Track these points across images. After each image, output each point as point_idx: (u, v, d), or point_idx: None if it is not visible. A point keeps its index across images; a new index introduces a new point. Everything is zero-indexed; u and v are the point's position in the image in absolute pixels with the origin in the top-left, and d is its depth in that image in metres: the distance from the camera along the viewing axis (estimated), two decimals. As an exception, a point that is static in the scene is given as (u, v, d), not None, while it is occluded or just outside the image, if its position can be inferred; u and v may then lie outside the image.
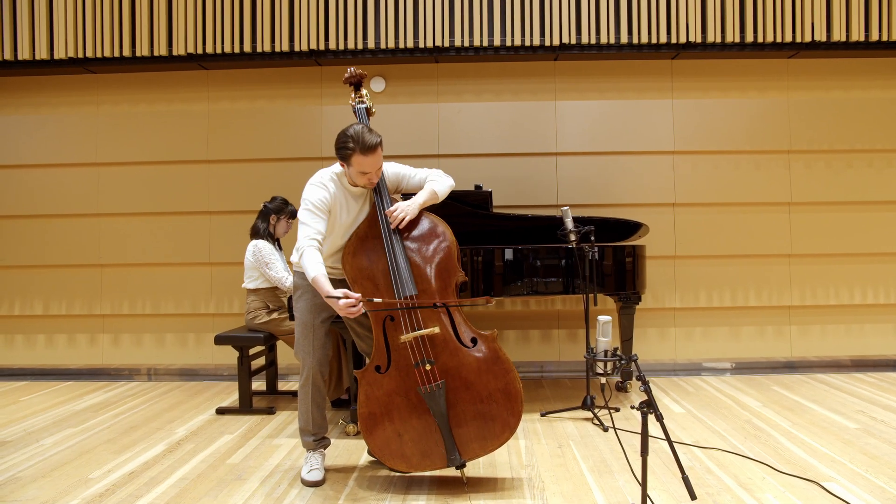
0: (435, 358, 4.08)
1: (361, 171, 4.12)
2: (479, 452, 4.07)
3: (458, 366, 4.08)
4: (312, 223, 4.10)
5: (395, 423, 4.07)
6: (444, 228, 4.32)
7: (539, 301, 7.47)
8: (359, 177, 4.17)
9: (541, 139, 7.48)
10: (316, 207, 4.13)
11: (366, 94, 4.74)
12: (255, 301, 6.19)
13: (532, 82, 7.51)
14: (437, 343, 4.11)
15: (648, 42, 7.13)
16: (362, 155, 4.07)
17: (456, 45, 7.18)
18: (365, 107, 4.69)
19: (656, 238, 7.36)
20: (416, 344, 4.10)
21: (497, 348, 4.12)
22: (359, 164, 4.10)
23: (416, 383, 4.07)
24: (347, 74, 4.75)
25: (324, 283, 3.90)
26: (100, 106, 7.75)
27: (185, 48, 7.27)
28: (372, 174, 4.17)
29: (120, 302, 7.72)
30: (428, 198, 4.39)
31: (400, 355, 4.11)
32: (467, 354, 4.11)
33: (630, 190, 7.43)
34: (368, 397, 4.11)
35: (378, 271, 4.20)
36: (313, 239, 4.06)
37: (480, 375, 4.08)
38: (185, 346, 7.72)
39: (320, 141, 7.55)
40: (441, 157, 7.48)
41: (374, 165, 4.13)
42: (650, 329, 7.49)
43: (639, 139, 7.45)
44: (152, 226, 7.69)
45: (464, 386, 4.06)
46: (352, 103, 4.73)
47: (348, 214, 4.33)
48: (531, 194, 7.42)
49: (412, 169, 4.56)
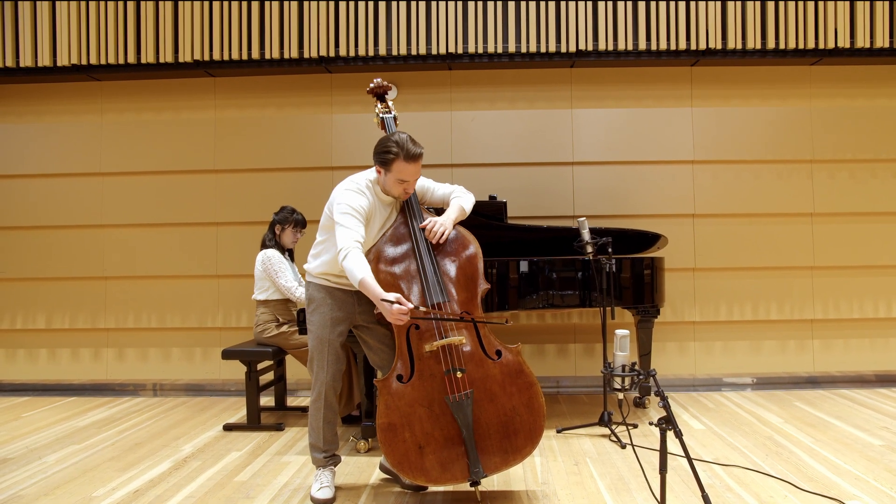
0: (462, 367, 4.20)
1: (401, 178, 4.26)
2: (501, 467, 4.17)
3: (484, 377, 4.20)
4: (355, 227, 4.18)
5: (416, 434, 4.13)
6: (471, 239, 4.50)
7: (555, 314, 7.58)
8: (395, 185, 4.31)
9: (557, 148, 7.62)
10: (357, 213, 4.23)
11: (392, 104, 4.91)
12: (264, 313, 6.30)
13: (548, 90, 7.66)
14: (463, 353, 4.23)
15: (667, 49, 7.26)
16: (405, 162, 4.22)
17: (469, 51, 7.33)
18: (392, 116, 4.86)
19: (675, 250, 7.48)
20: (444, 352, 4.19)
21: (521, 361, 4.26)
22: (399, 171, 4.25)
23: (439, 393, 4.16)
24: (373, 85, 4.93)
25: (373, 285, 3.97)
26: (104, 114, 7.91)
27: (191, 55, 7.43)
28: (409, 184, 4.32)
29: (125, 315, 7.85)
30: (458, 214, 4.56)
31: (424, 364, 4.21)
32: (492, 366, 4.23)
33: (648, 200, 7.56)
34: (389, 407, 4.17)
35: (404, 278, 4.33)
36: (356, 241, 4.12)
37: (504, 388, 4.20)
38: (191, 360, 7.85)
39: (330, 150, 7.70)
40: (454, 167, 7.65)
41: (414, 174, 4.29)
42: (669, 343, 7.61)
43: (657, 148, 7.59)
44: (158, 237, 7.83)
45: (488, 398, 4.18)
46: (378, 113, 4.86)
47: (378, 222, 4.45)
48: (547, 205, 7.55)
49: (434, 182, 4.75)
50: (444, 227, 4.40)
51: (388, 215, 4.52)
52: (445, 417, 4.15)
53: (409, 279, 4.34)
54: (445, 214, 4.53)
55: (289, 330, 6.28)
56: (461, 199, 4.65)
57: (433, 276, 4.29)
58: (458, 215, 4.55)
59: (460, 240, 4.49)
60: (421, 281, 4.30)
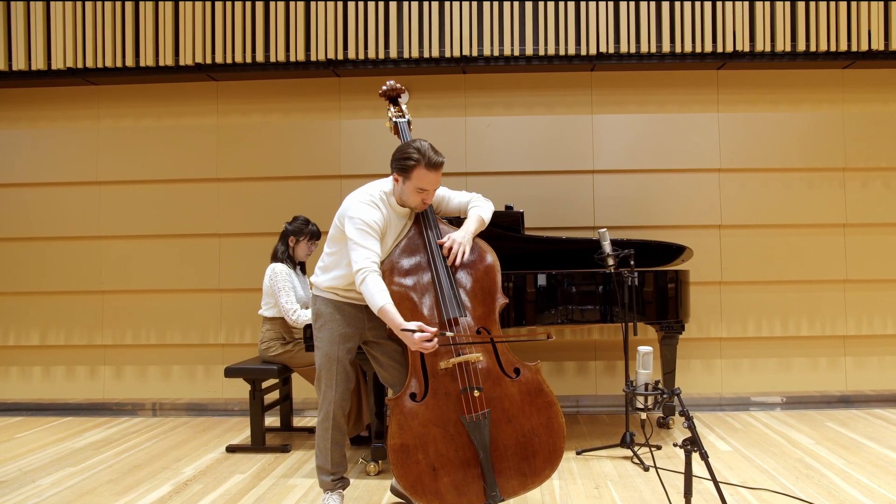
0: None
1: (420, 187, 4.37)
2: (519, 490, 4.26)
3: (501, 396, 4.28)
4: (369, 244, 4.26)
5: (431, 455, 4.20)
6: (488, 251, 4.59)
7: (574, 330, 7.71)
8: (413, 195, 4.41)
9: (576, 156, 7.75)
10: (371, 228, 4.31)
11: (405, 108, 5.03)
12: (269, 331, 6.40)
13: (567, 94, 7.79)
14: (480, 371, 4.30)
15: (692, 51, 7.37)
16: (426, 170, 4.33)
17: (485, 54, 7.45)
18: (407, 120, 4.99)
19: (701, 262, 7.57)
20: (460, 370, 4.27)
21: (541, 380, 4.35)
22: (419, 179, 4.35)
23: (454, 413, 4.23)
24: (385, 88, 5.05)
25: (394, 313, 4.08)
26: (101, 120, 8.05)
27: (192, 58, 7.55)
28: (428, 194, 4.43)
29: (122, 331, 7.98)
30: (477, 226, 4.63)
31: (439, 382, 4.29)
32: (510, 385, 4.31)
33: (672, 210, 7.68)
34: (401, 427, 4.24)
35: (418, 291, 4.42)
36: (373, 262, 4.21)
37: (523, 408, 4.29)
38: (192, 378, 7.98)
39: (338, 157, 7.83)
40: (469, 175, 7.78)
41: (434, 184, 4.40)
42: (694, 361, 7.71)
43: (682, 156, 7.71)
44: (158, 249, 7.96)
45: (506, 418, 4.27)
46: (391, 117, 4.99)
47: (394, 233, 4.53)
48: (566, 215, 7.70)
49: (450, 191, 4.84)
50: (462, 246, 4.44)
51: (404, 226, 4.60)
52: (461, 438, 4.22)
53: (424, 292, 4.41)
54: (464, 228, 4.57)
55: (294, 347, 6.36)
56: (480, 209, 4.71)
57: (449, 290, 4.36)
58: (478, 227, 4.63)
59: (478, 252, 4.57)
60: (436, 294, 4.37)
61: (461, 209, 4.79)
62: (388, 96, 5.08)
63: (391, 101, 5.07)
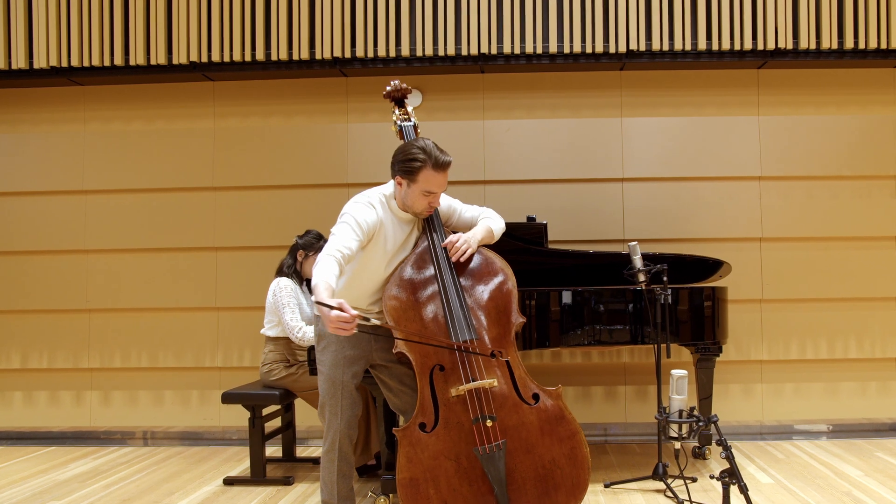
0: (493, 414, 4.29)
1: (427, 189, 4.42)
2: None
3: (518, 425, 4.31)
4: (344, 237, 4.27)
5: (442, 490, 4.23)
6: (503, 266, 4.64)
7: (602, 352, 7.73)
8: (419, 198, 4.47)
9: (604, 162, 7.81)
10: (357, 225, 4.35)
11: (411, 110, 5.08)
12: (272, 352, 6.44)
13: (594, 96, 7.85)
14: (494, 398, 4.32)
15: (731, 49, 7.41)
16: (433, 171, 4.37)
17: (505, 52, 7.49)
18: (412, 124, 5.03)
19: (740, 278, 7.55)
20: (472, 397, 4.29)
21: (562, 406, 4.38)
22: (426, 180, 4.39)
23: (467, 444, 4.26)
24: (390, 88, 5.10)
25: (323, 289, 3.97)
26: (87, 123, 8.11)
27: (187, 56, 7.58)
28: (434, 197, 4.49)
29: (111, 353, 8.03)
30: (485, 235, 4.69)
31: (450, 411, 4.32)
32: (528, 412, 4.35)
33: (709, 222, 7.73)
34: (410, 460, 4.27)
35: (426, 311, 4.47)
36: (337, 250, 4.17)
37: (543, 437, 4.32)
38: (187, 404, 8.01)
39: (346, 164, 7.89)
40: (487, 184, 7.86)
41: (441, 186, 4.45)
42: (733, 385, 7.75)
43: (719, 163, 7.75)
44: (149, 264, 8.00)
45: (524, 448, 4.30)
46: (396, 121, 5.05)
47: (394, 242, 4.58)
48: (593, 227, 7.75)
49: (462, 203, 4.92)
50: (468, 244, 4.50)
51: (408, 235, 4.65)
52: (475, 472, 4.25)
53: (433, 312, 4.46)
54: (471, 231, 4.66)
55: (298, 371, 6.39)
56: (490, 221, 4.81)
57: (459, 309, 4.40)
58: (485, 236, 4.70)
59: (491, 266, 4.62)
60: (445, 314, 4.40)
61: (472, 223, 4.85)
62: (393, 97, 5.12)
63: (396, 102, 5.12)
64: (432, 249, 4.55)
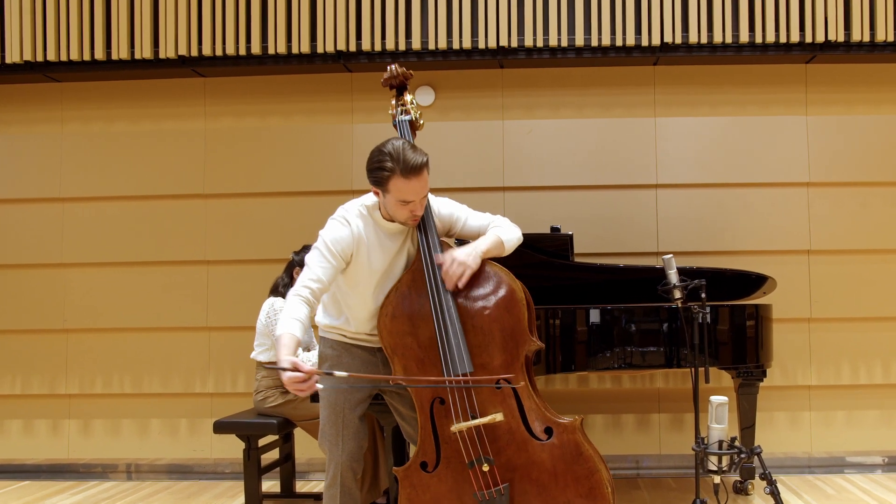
0: (497, 453, 4.17)
1: (401, 199, 4.22)
2: None
3: (528, 464, 4.17)
4: (313, 268, 4.23)
5: None
6: (511, 283, 4.38)
7: (634, 377, 7.64)
8: (397, 208, 4.29)
9: (636, 167, 7.71)
10: (327, 249, 4.27)
11: (411, 100, 4.87)
12: (266, 378, 6.33)
13: (625, 93, 7.76)
14: (499, 434, 4.20)
15: (776, 42, 7.30)
16: (403, 178, 4.15)
17: (526, 44, 7.39)
18: (409, 118, 4.81)
19: (786, 295, 7.38)
20: (468, 437, 4.18)
21: (579, 441, 4.19)
22: (398, 190, 4.19)
23: (472, 486, 4.17)
24: (388, 74, 4.89)
25: (283, 345, 3.97)
26: (65, 124, 8.01)
27: (175, 49, 7.48)
28: (414, 205, 4.27)
29: (91, 378, 7.90)
30: (492, 246, 4.45)
31: (452, 449, 4.22)
32: (539, 449, 4.20)
33: (751, 233, 7.62)
34: (412, 502, 4.23)
35: (424, 339, 4.31)
36: (305, 287, 4.16)
37: (557, 477, 4.16)
38: (175, 434, 7.90)
39: (350, 168, 7.79)
40: (506, 191, 7.76)
41: (417, 192, 4.22)
42: (778, 413, 7.63)
43: (763, 167, 7.64)
44: (133, 279, 7.90)
45: (535, 490, 4.16)
46: (392, 112, 4.86)
47: (382, 258, 4.43)
48: (623, 238, 7.66)
49: (468, 210, 4.70)
50: (464, 267, 4.28)
51: (399, 248, 4.52)
52: None
53: (428, 340, 4.31)
54: (471, 244, 4.44)
55: (297, 397, 6.17)
56: (500, 230, 4.59)
57: (454, 338, 4.24)
58: (491, 247, 4.46)
59: (496, 283, 4.40)
60: (439, 344, 4.26)
61: (480, 233, 4.64)
62: (392, 85, 4.92)
63: (396, 91, 4.92)
64: (426, 267, 4.37)
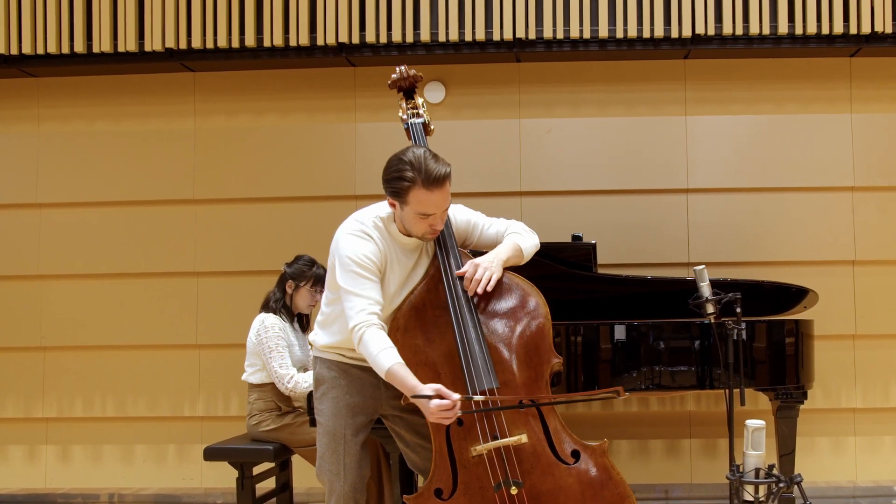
0: (522, 477, 4.10)
1: (422, 212, 4.12)
2: None
3: (554, 489, 4.12)
4: (364, 291, 4.11)
5: None
6: (534, 295, 4.37)
7: (663, 399, 7.52)
8: (416, 222, 4.18)
9: (665, 170, 7.60)
10: (363, 267, 4.15)
11: (422, 103, 4.83)
12: (259, 401, 6.24)
13: (652, 89, 7.65)
14: (524, 457, 4.14)
15: (817, 33, 7.13)
16: (425, 189, 4.06)
17: (545, 36, 7.24)
18: (422, 121, 4.78)
19: (829, 310, 7.17)
20: (495, 458, 4.11)
21: (608, 465, 4.19)
22: (419, 202, 4.09)
23: None
24: (396, 76, 4.88)
25: (405, 375, 3.93)
26: (42, 122, 7.90)
27: (162, 41, 7.35)
28: (435, 218, 4.19)
29: (70, 400, 7.76)
30: (512, 254, 4.43)
31: (470, 474, 4.15)
32: (566, 473, 4.15)
33: (791, 242, 7.48)
34: None
35: (440, 355, 4.23)
36: (372, 314, 4.06)
37: (585, 503, 4.12)
38: (162, 461, 7.78)
39: (353, 171, 7.68)
40: (523, 196, 7.65)
41: (438, 205, 4.15)
42: (820, 438, 7.46)
43: (803, 170, 7.51)
44: (116, 292, 7.78)
45: None
46: (402, 116, 4.81)
47: (400, 274, 4.36)
48: (651, 248, 7.54)
49: (485, 217, 4.69)
50: (490, 271, 4.25)
51: (415, 263, 4.46)
52: None
53: (445, 355, 4.26)
54: (492, 252, 4.43)
55: (295, 420, 6.22)
56: (518, 237, 4.57)
57: (479, 352, 4.16)
58: (511, 255, 4.44)
59: (519, 294, 4.38)
60: (461, 359, 4.18)
61: (498, 241, 4.60)
62: (400, 87, 4.89)
63: (404, 94, 4.88)
64: (446, 278, 4.32)
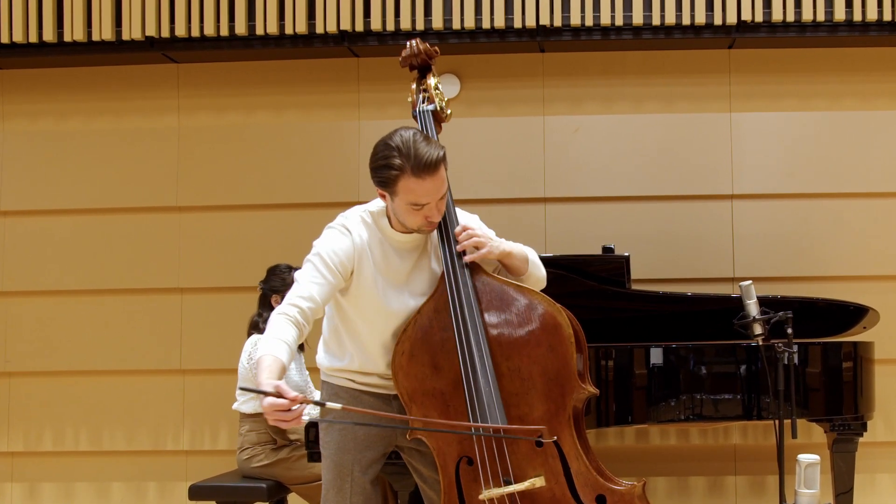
0: None
1: (413, 202, 3.83)
2: None
3: None
4: (305, 282, 3.93)
5: None
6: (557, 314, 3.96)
7: (705, 431, 7.26)
8: (408, 213, 3.90)
9: (707, 173, 7.41)
10: (321, 262, 3.95)
11: (435, 84, 4.42)
12: (251, 433, 6.13)
13: (693, 83, 7.46)
14: (541, 502, 3.88)
15: (878, 20, 6.89)
16: (416, 177, 3.77)
17: (573, 24, 7.05)
18: (433, 108, 4.37)
19: (891, 331, 6.93)
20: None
21: None
22: (408, 191, 3.82)
23: None
24: (407, 52, 4.48)
25: (265, 366, 3.61)
26: (5, 120, 7.77)
27: (141, 30, 7.19)
28: (429, 208, 3.86)
29: (39, 432, 7.61)
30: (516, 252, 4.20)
31: None
32: None
33: (848, 254, 7.25)
34: None
35: (448, 383, 3.96)
36: (294, 305, 3.84)
37: None
38: (142, 501, 7.60)
39: (357, 174, 7.38)
40: (548, 202, 7.48)
41: (431, 194, 3.83)
42: (881, 475, 7.21)
43: (862, 173, 7.28)
44: (90, 311, 7.62)
45: None
46: (411, 100, 4.43)
47: (393, 277, 4.11)
48: (691, 261, 7.33)
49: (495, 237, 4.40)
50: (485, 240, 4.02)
51: (413, 266, 4.19)
52: None
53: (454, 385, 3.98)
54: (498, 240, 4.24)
55: (291, 455, 6.07)
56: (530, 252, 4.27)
57: (485, 382, 3.88)
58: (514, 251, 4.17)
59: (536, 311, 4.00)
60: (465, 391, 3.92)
61: None
62: (413, 65, 4.45)
63: (418, 72, 4.45)
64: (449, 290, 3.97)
